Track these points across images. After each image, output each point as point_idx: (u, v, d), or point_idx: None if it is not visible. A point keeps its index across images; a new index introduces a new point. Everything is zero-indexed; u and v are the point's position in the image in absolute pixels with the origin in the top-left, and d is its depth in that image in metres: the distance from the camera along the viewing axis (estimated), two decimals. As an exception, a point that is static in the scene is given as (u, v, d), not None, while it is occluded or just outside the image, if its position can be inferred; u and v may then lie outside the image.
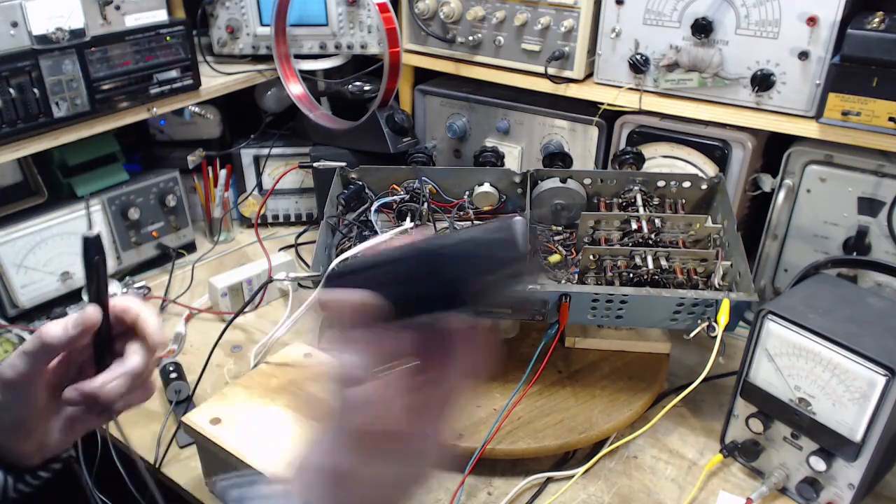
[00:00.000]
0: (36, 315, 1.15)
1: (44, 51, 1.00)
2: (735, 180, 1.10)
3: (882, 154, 0.98)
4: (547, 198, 1.07)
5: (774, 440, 0.84)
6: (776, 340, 0.79)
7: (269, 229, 1.47)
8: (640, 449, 0.92)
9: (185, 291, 1.25)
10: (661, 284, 0.91)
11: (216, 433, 0.78)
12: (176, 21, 1.16)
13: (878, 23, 0.90)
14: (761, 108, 1.02)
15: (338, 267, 0.89)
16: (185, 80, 1.20)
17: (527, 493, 0.86)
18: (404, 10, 1.28)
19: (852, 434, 0.74)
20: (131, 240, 1.25)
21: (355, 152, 1.28)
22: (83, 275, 0.57)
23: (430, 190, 1.10)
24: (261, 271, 1.20)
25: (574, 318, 0.91)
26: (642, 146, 1.12)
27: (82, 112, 1.07)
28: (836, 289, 0.84)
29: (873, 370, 0.71)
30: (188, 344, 1.13)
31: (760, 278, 1.12)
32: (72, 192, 1.17)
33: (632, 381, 0.98)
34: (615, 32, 1.09)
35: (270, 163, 1.43)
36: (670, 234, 0.98)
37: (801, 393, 0.78)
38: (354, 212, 1.06)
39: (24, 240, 1.10)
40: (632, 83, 1.11)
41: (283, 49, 1.31)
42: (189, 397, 0.98)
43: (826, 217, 1.04)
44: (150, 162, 1.32)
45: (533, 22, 1.15)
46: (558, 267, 1.01)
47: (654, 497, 0.85)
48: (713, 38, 1.02)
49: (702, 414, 0.98)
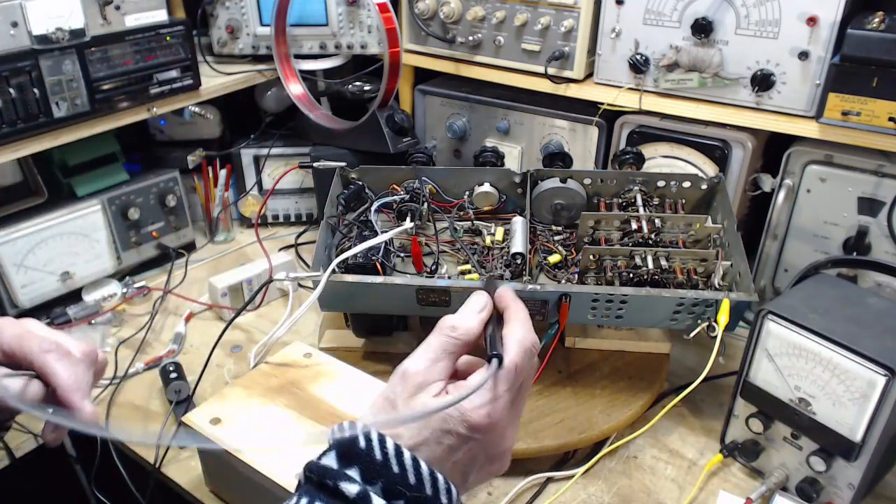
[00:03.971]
0: (36, 315, 1.14)
1: (44, 51, 1.00)
2: (735, 180, 1.10)
3: (882, 154, 0.98)
4: (547, 198, 1.07)
5: (774, 440, 0.84)
6: (776, 340, 0.79)
7: (269, 229, 1.47)
8: (640, 449, 0.92)
9: (178, 284, 1.25)
10: (661, 284, 0.91)
11: (216, 433, 0.78)
12: (176, 21, 1.16)
13: (878, 23, 0.90)
14: (761, 108, 1.02)
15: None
16: (185, 80, 1.19)
17: (527, 493, 0.86)
18: (404, 10, 1.28)
19: (852, 434, 0.74)
20: (131, 240, 1.25)
21: (355, 152, 1.28)
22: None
23: (430, 190, 1.10)
24: (261, 271, 1.20)
25: (574, 318, 0.91)
26: (642, 146, 1.12)
27: (82, 112, 1.07)
28: (836, 289, 0.84)
29: (873, 370, 0.71)
30: (188, 344, 1.13)
31: (760, 278, 1.12)
32: (72, 192, 1.17)
33: (632, 381, 0.98)
34: (615, 32, 1.09)
35: (270, 163, 1.43)
36: (670, 234, 0.98)
37: (801, 393, 0.78)
38: (354, 212, 1.06)
39: (24, 240, 1.10)
40: (632, 83, 1.11)
41: (283, 49, 1.31)
42: (189, 397, 0.98)
43: (826, 217, 1.04)
44: (150, 162, 1.32)
45: (533, 22, 1.15)
46: (558, 267, 1.01)
47: (654, 497, 0.85)
48: (713, 38, 1.02)
49: (702, 414, 0.98)
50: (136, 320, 1.18)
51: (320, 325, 1.10)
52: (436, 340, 0.53)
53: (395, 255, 1.01)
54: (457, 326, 0.54)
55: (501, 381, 0.51)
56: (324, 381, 0.85)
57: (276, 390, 0.84)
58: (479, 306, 0.56)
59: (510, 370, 0.52)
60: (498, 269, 0.98)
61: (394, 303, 0.93)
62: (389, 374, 0.54)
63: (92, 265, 1.20)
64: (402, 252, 1.03)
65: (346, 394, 0.83)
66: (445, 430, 0.49)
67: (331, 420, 0.79)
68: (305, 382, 0.85)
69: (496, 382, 0.51)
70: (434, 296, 0.90)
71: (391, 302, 0.93)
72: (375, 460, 0.47)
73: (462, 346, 0.54)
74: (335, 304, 0.97)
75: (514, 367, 0.52)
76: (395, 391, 0.52)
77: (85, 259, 1.18)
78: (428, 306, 0.92)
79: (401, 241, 1.05)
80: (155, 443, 0.48)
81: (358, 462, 0.47)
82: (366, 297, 0.93)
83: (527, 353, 0.53)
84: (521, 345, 0.53)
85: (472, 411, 0.49)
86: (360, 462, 0.47)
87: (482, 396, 0.50)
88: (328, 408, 0.81)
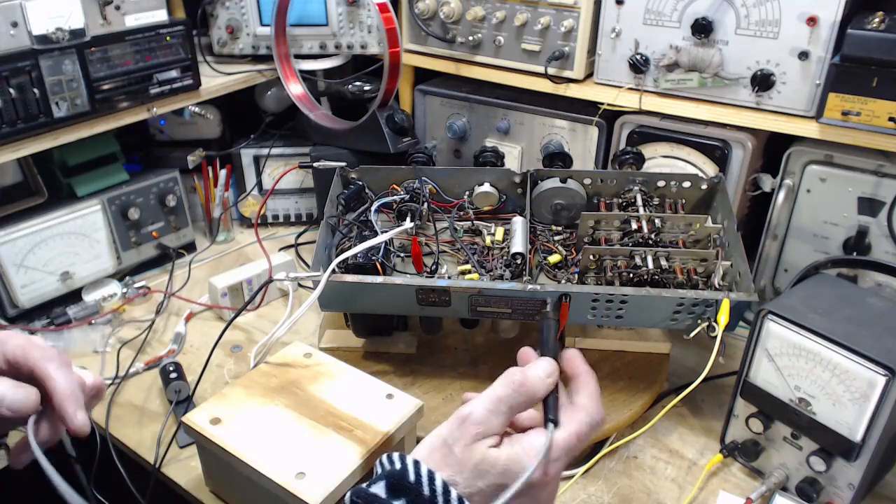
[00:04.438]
0: (36, 315, 1.15)
1: (44, 51, 1.00)
2: (735, 180, 1.10)
3: (882, 154, 0.98)
4: (547, 198, 1.07)
5: (774, 440, 0.84)
6: (776, 340, 0.79)
7: (269, 229, 1.47)
8: (640, 449, 0.92)
9: (181, 286, 1.25)
10: (661, 284, 0.91)
11: (216, 433, 0.78)
12: (176, 21, 1.16)
13: (878, 23, 0.90)
14: (761, 108, 1.02)
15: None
16: (185, 80, 1.20)
17: (527, 493, 0.86)
18: (404, 10, 1.28)
19: (852, 434, 0.74)
20: (131, 240, 1.25)
21: (355, 152, 1.28)
22: None
23: (430, 190, 1.10)
24: (261, 271, 1.20)
25: (574, 318, 0.91)
26: (642, 146, 1.12)
27: (82, 112, 1.07)
28: (836, 289, 0.84)
29: (873, 370, 0.71)
30: (188, 344, 1.13)
31: (760, 278, 1.12)
32: (72, 192, 1.17)
33: (632, 381, 0.98)
34: (615, 32, 1.09)
35: (270, 163, 1.43)
36: (670, 234, 0.98)
37: (801, 393, 0.78)
38: (354, 212, 1.06)
39: (24, 240, 1.10)
40: (632, 83, 1.11)
41: (283, 49, 1.31)
42: (189, 397, 0.98)
43: (826, 217, 1.04)
44: (150, 162, 1.32)
45: (533, 22, 1.15)
46: (558, 267, 1.01)
47: (654, 497, 0.85)
48: (713, 38, 1.02)
49: (702, 414, 0.98)
50: (136, 321, 1.18)
51: (320, 325, 1.10)
52: (502, 393, 0.55)
53: (395, 255, 1.01)
54: (526, 386, 0.56)
55: (563, 446, 0.54)
56: (324, 381, 0.85)
57: (276, 390, 0.84)
58: (547, 372, 0.59)
59: (571, 437, 0.54)
60: (498, 269, 0.98)
61: (394, 303, 0.93)
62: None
63: (92, 265, 1.20)
64: (402, 252, 1.03)
65: (346, 394, 0.83)
66: (501, 485, 0.51)
67: (331, 420, 0.79)
68: (305, 382, 0.85)
69: (557, 445, 0.53)
70: (434, 296, 0.90)
71: (391, 302, 0.93)
72: (423, 495, 0.48)
73: (524, 406, 0.56)
74: (335, 304, 0.97)
75: (575, 436, 0.54)
76: (454, 435, 0.53)
77: (85, 259, 1.18)
78: (428, 306, 0.92)
79: (401, 241, 1.05)
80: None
81: (406, 495, 0.48)
82: (366, 297, 0.93)
83: (593, 427, 0.56)
84: (591, 418, 0.56)
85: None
86: (408, 495, 0.48)
87: (541, 457, 0.52)
88: (328, 408, 0.81)
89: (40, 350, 0.60)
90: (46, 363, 0.59)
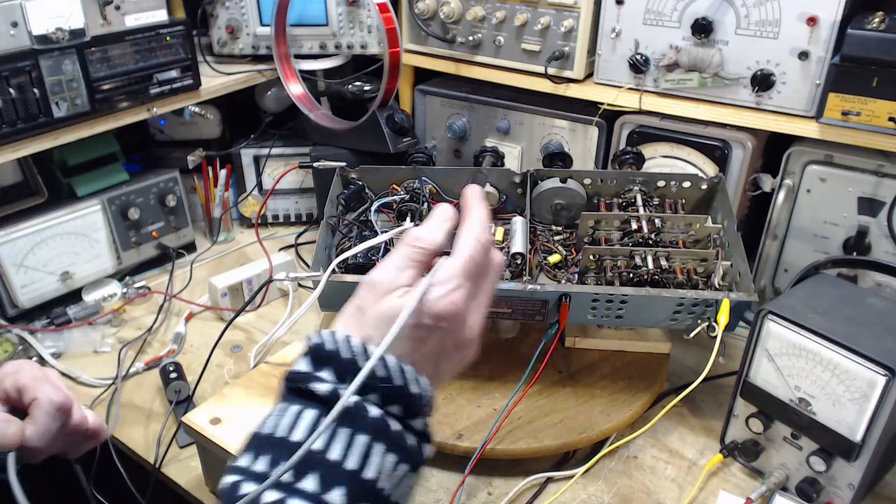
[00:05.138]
0: (36, 315, 1.15)
1: (44, 51, 1.00)
2: (735, 180, 1.10)
3: (882, 154, 0.98)
4: (547, 198, 1.07)
5: (774, 440, 0.84)
6: (776, 340, 0.79)
7: (269, 229, 1.47)
8: (640, 449, 0.92)
9: (183, 288, 1.25)
10: (661, 284, 0.91)
11: (216, 433, 0.78)
12: (176, 21, 1.16)
13: (878, 23, 0.90)
14: (761, 108, 1.02)
15: None
16: (185, 80, 1.20)
17: (527, 493, 0.86)
18: (404, 10, 1.28)
19: (852, 434, 0.74)
20: (131, 240, 1.25)
21: (355, 152, 1.28)
22: None
23: (430, 190, 1.10)
24: (261, 271, 1.20)
25: (574, 318, 0.91)
26: (642, 146, 1.12)
27: (82, 112, 1.07)
28: (836, 289, 0.84)
29: (873, 370, 0.71)
30: (188, 344, 1.13)
31: (760, 278, 1.12)
32: (72, 192, 1.17)
33: (632, 381, 0.98)
34: (615, 32, 1.09)
35: (270, 163, 1.43)
36: (670, 234, 0.98)
37: (801, 393, 0.78)
38: (354, 212, 1.06)
39: (24, 240, 1.10)
40: (632, 83, 1.11)
41: (283, 49, 1.31)
42: (189, 397, 0.98)
43: (826, 217, 1.04)
44: (150, 162, 1.32)
45: (533, 22, 1.15)
46: (558, 267, 1.01)
47: (654, 497, 0.85)
48: (713, 38, 1.02)
49: (702, 414, 0.98)
50: (136, 321, 1.18)
51: (320, 325, 1.10)
52: (401, 251, 0.55)
53: (395, 255, 1.01)
54: (421, 237, 0.55)
55: (459, 272, 0.53)
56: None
57: (276, 390, 0.84)
58: (444, 216, 0.58)
59: (466, 261, 0.54)
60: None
61: (394, 303, 0.93)
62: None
63: (92, 265, 1.20)
64: (402, 252, 1.03)
65: (346, 394, 0.83)
66: (411, 325, 0.51)
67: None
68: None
69: (454, 274, 0.53)
70: (434, 296, 0.90)
71: (391, 302, 0.93)
72: (344, 359, 0.49)
73: (427, 255, 0.55)
74: (335, 304, 0.97)
75: (469, 257, 0.54)
76: (364, 299, 0.53)
77: (85, 259, 1.18)
78: (428, 306, 0.92)
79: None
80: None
81: (329, 363, 0.49)
82: (366, 297, 0.92)
83: (481, 247, 0.55)
84: (476, 239, 0.55)
85: (434, 302, 0.51)
86: (331, 363, 0.49)
87: (442, 288, 0.52)
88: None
89: (31, 373, 0.63)
90: (35, 382, 0.62)
